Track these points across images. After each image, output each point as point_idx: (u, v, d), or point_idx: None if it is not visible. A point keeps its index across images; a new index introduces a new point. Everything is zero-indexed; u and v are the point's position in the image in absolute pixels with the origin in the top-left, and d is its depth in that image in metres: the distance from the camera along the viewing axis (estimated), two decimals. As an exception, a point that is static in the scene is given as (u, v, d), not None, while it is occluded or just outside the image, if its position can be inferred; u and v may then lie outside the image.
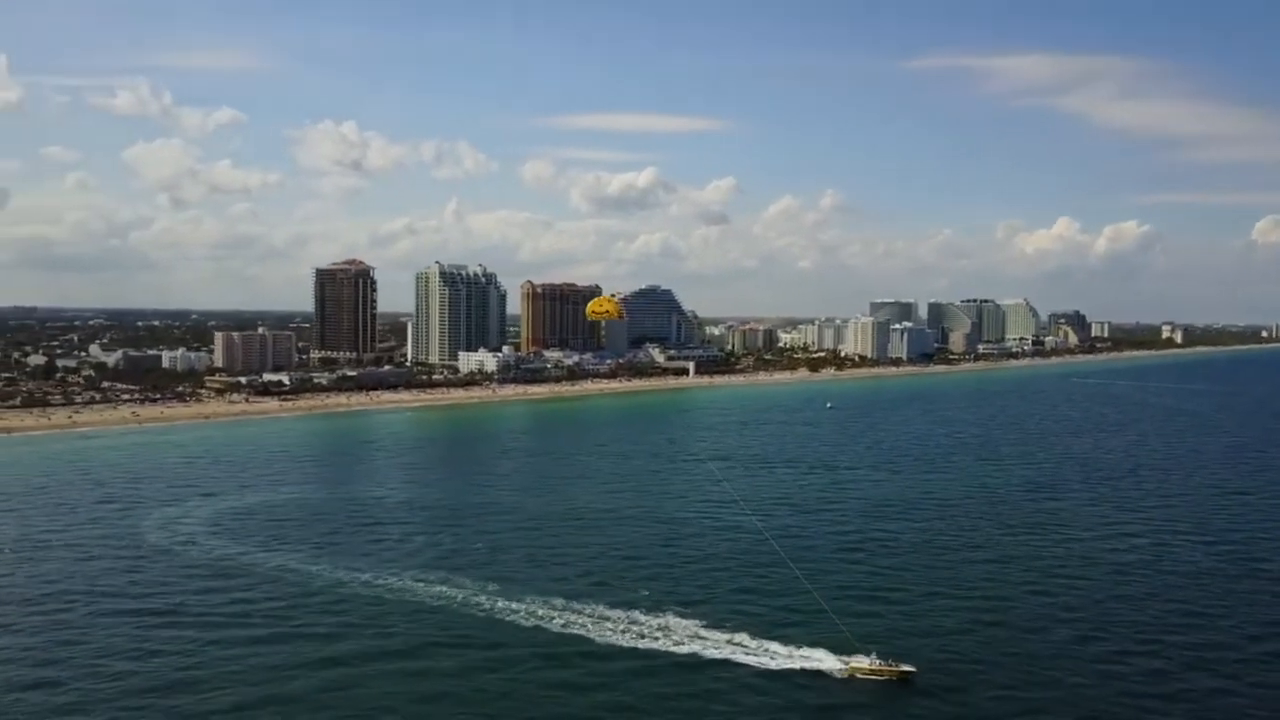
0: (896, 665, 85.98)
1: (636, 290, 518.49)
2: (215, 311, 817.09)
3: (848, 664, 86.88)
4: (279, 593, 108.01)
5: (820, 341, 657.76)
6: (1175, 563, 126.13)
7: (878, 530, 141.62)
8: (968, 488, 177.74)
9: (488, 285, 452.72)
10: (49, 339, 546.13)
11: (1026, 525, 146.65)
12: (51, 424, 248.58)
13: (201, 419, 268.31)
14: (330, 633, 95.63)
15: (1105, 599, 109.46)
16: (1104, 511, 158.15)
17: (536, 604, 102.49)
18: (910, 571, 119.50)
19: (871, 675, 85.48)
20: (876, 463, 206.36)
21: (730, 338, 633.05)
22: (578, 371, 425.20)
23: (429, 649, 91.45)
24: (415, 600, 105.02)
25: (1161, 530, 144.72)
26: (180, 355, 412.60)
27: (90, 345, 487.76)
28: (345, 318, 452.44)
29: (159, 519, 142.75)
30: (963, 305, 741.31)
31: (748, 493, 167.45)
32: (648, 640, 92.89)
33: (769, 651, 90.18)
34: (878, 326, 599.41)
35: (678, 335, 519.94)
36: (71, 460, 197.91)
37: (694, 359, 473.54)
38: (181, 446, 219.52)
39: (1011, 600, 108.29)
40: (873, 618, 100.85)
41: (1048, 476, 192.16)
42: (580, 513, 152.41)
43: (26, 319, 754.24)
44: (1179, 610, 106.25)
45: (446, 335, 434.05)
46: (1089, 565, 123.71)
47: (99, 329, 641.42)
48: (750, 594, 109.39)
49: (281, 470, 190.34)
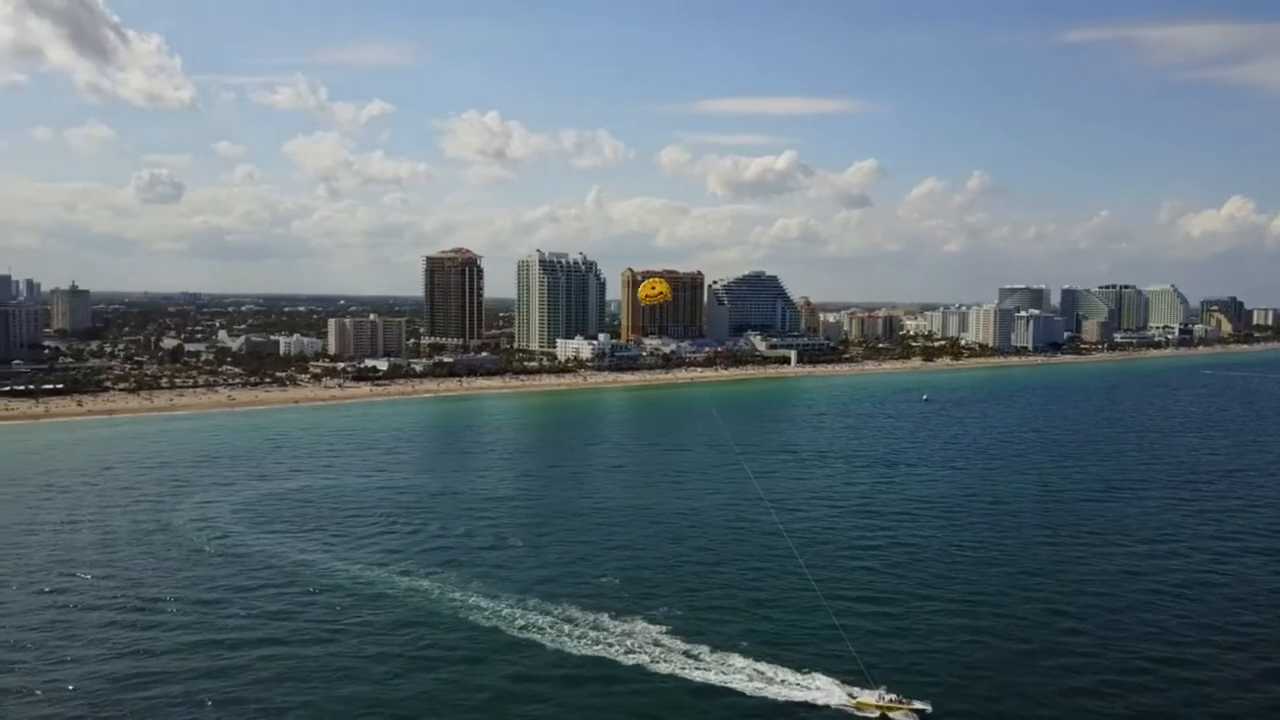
0: (909, 703, 77.12)
1: (740, 276, 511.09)
2: (364, 297, 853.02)
3: (854, 699, 78.68)
4: (272, 578, 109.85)
5: (945, 329, 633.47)
6: (1235, 582, 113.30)
7: (912, 536, 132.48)
8: (1030, 488, 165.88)
9: (587, 273, 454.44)
10: (195, 324, 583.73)
11: (1077, 533, 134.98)
12: (153, 406, 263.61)
13: (291, 404, 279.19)
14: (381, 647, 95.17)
15: (1136, 626, 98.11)
16: (1173, 520, 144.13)
17: (509, 604, 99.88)
18: (936, 588, 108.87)
19: (880, 712, 77.00)
20: (942, 460, 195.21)
21: (849, 325, 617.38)
22: (674, 359, 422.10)
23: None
24: (381, 588, 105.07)
25: (1230, 544, 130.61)
26: (294, 341, 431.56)
27: (220, 331, 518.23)
28: (453, 305, 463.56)
29: (197, 501, 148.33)
30: (1100, 292, 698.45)
31: (789, 490, 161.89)
32: (636, 655, 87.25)
33: (767, 677, 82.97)
34: (1000, 314, 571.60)
35: (783, 322, 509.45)
36: (153, 441, 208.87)
37: (797, 347, 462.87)
38: (260, 430, 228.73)
39: (1042, 627, 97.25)
40: (889, 639, 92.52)
41: (1127, 477, 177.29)
42: (594, 510, 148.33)
43: (187, 304, 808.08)
44: (1220, 643, 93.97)
45: (546, 322, 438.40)
46: (1130, 579, 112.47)
47: (248, 314, 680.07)
48: (761, 607, 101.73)
49: (331, 456, 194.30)
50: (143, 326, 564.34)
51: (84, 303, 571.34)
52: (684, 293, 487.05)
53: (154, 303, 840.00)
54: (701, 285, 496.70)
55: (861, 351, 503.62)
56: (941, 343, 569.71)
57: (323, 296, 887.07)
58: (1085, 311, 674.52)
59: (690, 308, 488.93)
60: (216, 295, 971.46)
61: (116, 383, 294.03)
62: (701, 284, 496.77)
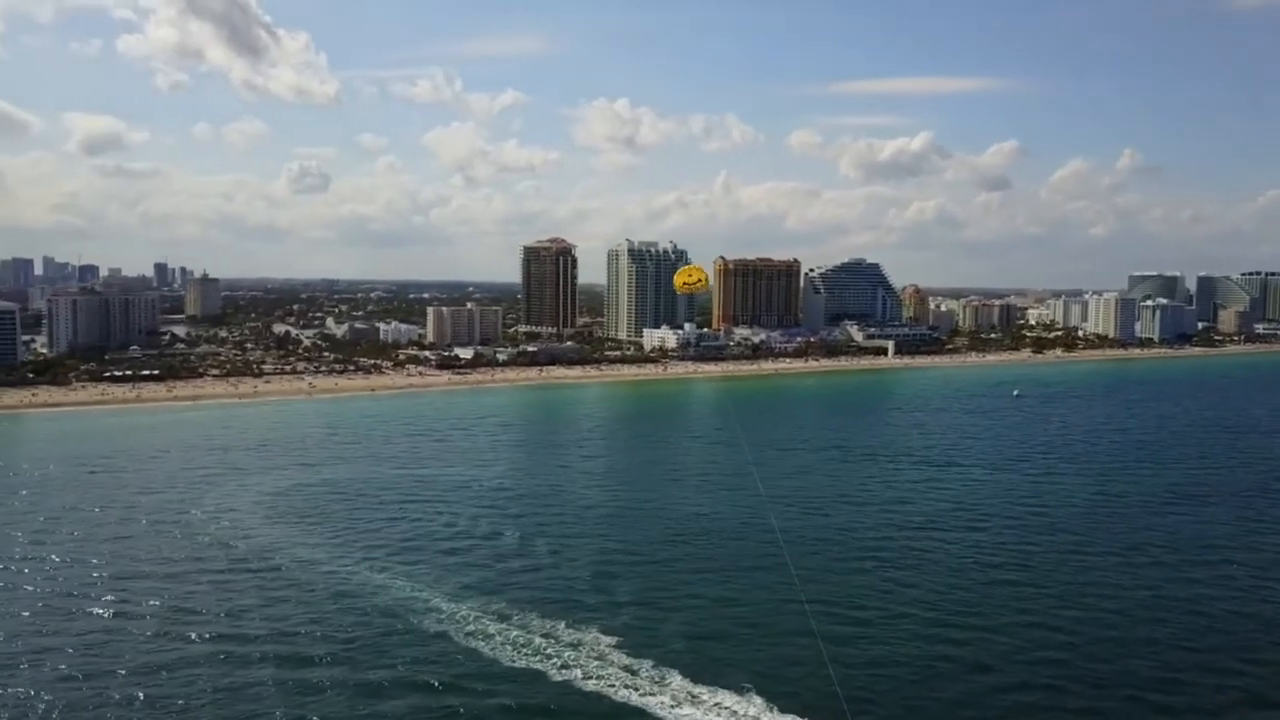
0: None
1: (838, 264, 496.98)
2: (493, 284, 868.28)
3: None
4: (279, 584, 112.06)
5: (1066, 319, 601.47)
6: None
7: (931, 545, 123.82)
8: (1083, 494, 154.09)
9: (676, 262, 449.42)
10: (319, 310, 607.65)
11: (1120, 547, 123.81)
12: (238, 393, 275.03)
13: (368, 391, 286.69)
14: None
15: (1140, 664, 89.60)
16: (1230, 533, 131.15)
17: (470, 607, 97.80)
18: (944, 609, 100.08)
19: None
20: (999, 461, 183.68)
21: (961, 313, 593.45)
22: (762, 350, 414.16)
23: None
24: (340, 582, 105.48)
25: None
26: (393, 328, 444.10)
27: (329, 318, 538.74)
28: (548, 294, 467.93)
29: (222, 492, 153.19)
30: (1241, 279, 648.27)
31: (815, 490, 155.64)
32: (570, 670, 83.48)
33: (698, 700, 78.14)
34: (1122, 303, 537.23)
35: (883, 312, 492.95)
36: (220, 426, 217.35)
37: (895, 338, 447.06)
38: (325, 416, 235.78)
39: (1029, 654, 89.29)
40: (879, 671, 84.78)
41: (1200, 484, 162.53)
42: (587, 509, 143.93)
43: (320, 291, 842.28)
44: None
45: (634, 311, 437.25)
46: (1161, 607, 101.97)
47: (374, 300, 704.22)
48: (732, 623, 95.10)
49: (377, 445, 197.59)
50: (269, 313, 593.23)
51: (214, 290, 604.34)
52: (779, 281, 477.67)
53: (292, 289, 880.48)
54: (797, 274, 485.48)
55: (967, 342, 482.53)
56: (1058, 333, 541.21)
57: (452, 283, 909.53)
58: (1223, 300, 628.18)
59: (785, 296, 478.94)
60: (355, 281, 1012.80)
61: (210, 369, 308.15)
62: (797, 272, 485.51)
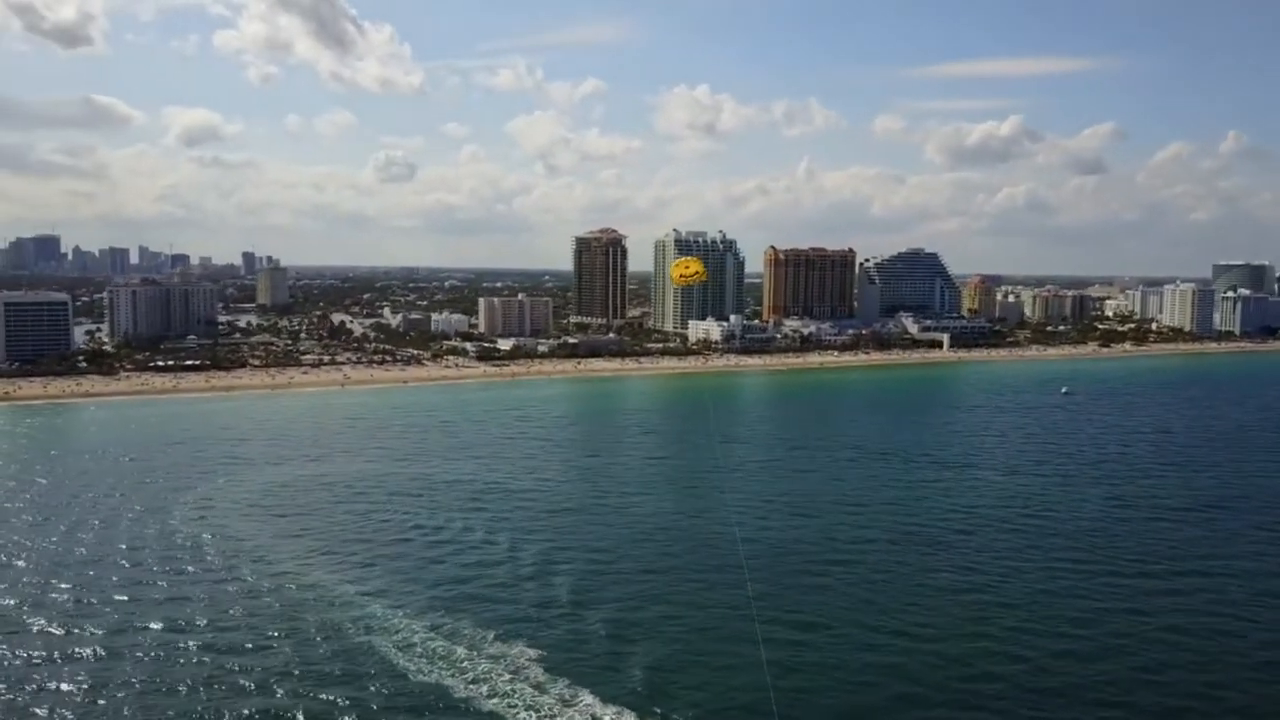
0: None
1: (894, 254, 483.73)
2: (569, 272, 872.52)
3: None
4: (222, 578, 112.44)
5: (1143, 310, 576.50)
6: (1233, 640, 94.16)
7: (914, 554, 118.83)
8: (1094, 501, 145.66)
9: (725, 252, 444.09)
10: (388, 299, 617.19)
11: (1113, 560, 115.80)
12: (273, 383, 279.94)
13: (400, 383, 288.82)
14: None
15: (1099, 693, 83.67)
16: (1241, 548, 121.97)
17: (407, 615, 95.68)
18: (896, 617, 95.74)
19: None
20: (1018, 463, 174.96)
21: (1031, 304, 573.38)
22: (811, 342, 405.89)
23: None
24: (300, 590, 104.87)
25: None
26: (444, 318, 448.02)
27: (386, 307, 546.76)
28: (598, 284, 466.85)
29: (212, 486, 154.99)
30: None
31: (807, 493, 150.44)
32: (478, 686, 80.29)
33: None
34: (1199, 294, 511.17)
35: (941, 303, 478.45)
36: (243, 418, 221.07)
37: (951, 330, 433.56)
38: (348, 409, 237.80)
39: (970, 677, 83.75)
40: (821, 701, 79.66)
41: (1228, 493, 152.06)
42: (559, 510, 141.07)
43: (396, 279, 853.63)
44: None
45: (680, 302, 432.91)
46: (1133, 630, 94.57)
47: (448, 288, 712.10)
48: (689, 649, 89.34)
49: (387, 440, 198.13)
50: (338, 302, 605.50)
51: (282, 279, 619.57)
52: (832, 271, 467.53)
53: (373, 277, 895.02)
54: (852, 264, 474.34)
55: (1030, 335, 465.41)
56: (1131, 325, 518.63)
57: (530, 271, 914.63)
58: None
59: (839, 287, 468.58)
60: (435, 269, 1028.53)
61: (252, 360, 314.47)
62: (852, 262, 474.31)
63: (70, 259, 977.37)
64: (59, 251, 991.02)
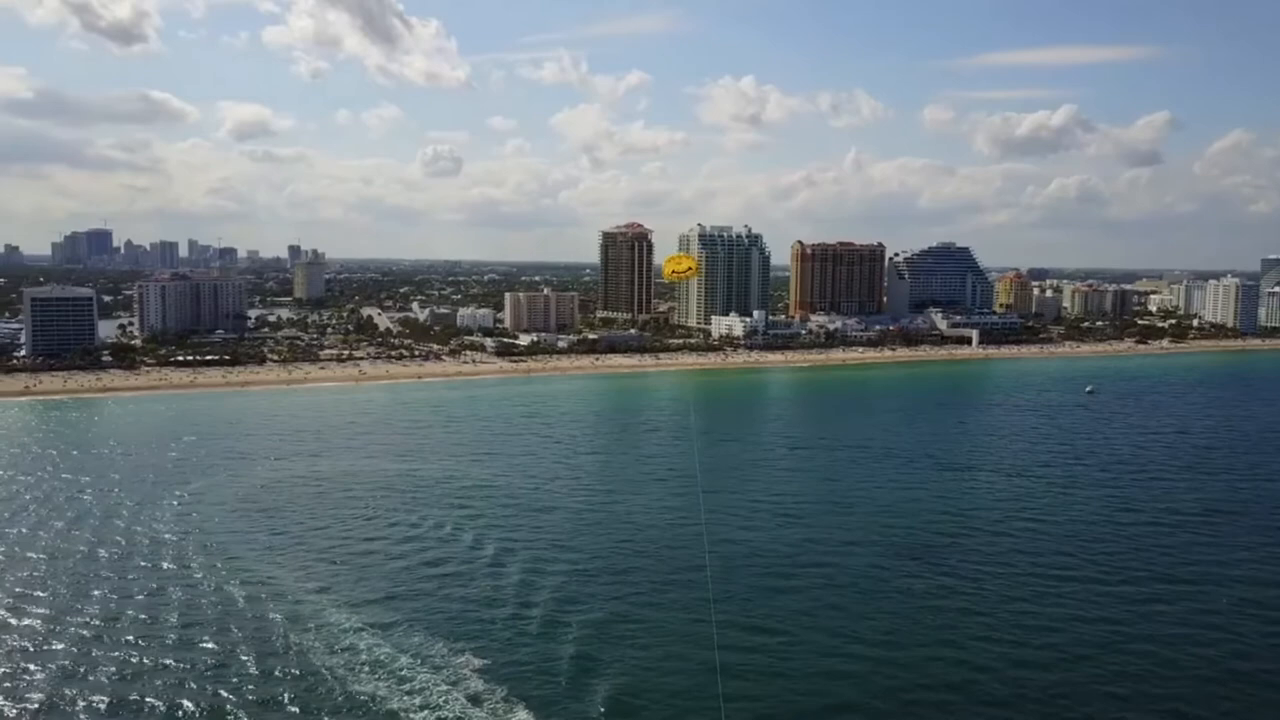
0: None
1: (925, 249, 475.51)
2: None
3: None
4: (178, 576, 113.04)
5: (1187, 305, 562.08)
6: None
7: (896, 558, 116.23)
8: (1094, 505, 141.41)
9: (750, 247, 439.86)
10: (423, 293, 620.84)
11: (1102, 569, 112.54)
12: (288, 378, 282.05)
13: (415, 379, 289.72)
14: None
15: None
16: (1238, 557, 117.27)
17: (359, 624, 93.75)
18: (868, 641, 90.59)
19: None
20: (1022, 465, 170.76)
21: (1069, 299, 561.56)
22: (836, 338, 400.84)
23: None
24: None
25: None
26: (470, 313, 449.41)
27: (414, 302, 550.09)
28: (624, 279, 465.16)
29: (208, 483, 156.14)
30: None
31: (799, 494, 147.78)
32: (412, 698, 78.79)
33: None
34: (1243, 289, 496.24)
35: (972, 298, 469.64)
36: (251, 413, 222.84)
37: (981, 326, 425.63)
38: (357, 404, 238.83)
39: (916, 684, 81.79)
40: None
41: (1236, 499, 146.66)
42: (535, 508, 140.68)
43: (435, 273, 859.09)
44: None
45: (704, 298, 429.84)
46: (1112, 642, 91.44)
47: (487, 282, 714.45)
48: (640, 660, 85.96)
49: (386, 437, 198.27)
50: (374, 295, 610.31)
51: (318, 273, 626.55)
52: (861, 266, 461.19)
53: (417, 270, 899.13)
54: (881, 258, 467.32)
55: (1063, 331, 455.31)
56: (1172, 322, 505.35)
57: (571, 264, 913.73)
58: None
59: (868, 282, 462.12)
60: (478, 262, 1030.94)
61: (271, 354, 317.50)
62: (881, 257, 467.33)
63: (122, 253, 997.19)
64: (111, 245, 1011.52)
